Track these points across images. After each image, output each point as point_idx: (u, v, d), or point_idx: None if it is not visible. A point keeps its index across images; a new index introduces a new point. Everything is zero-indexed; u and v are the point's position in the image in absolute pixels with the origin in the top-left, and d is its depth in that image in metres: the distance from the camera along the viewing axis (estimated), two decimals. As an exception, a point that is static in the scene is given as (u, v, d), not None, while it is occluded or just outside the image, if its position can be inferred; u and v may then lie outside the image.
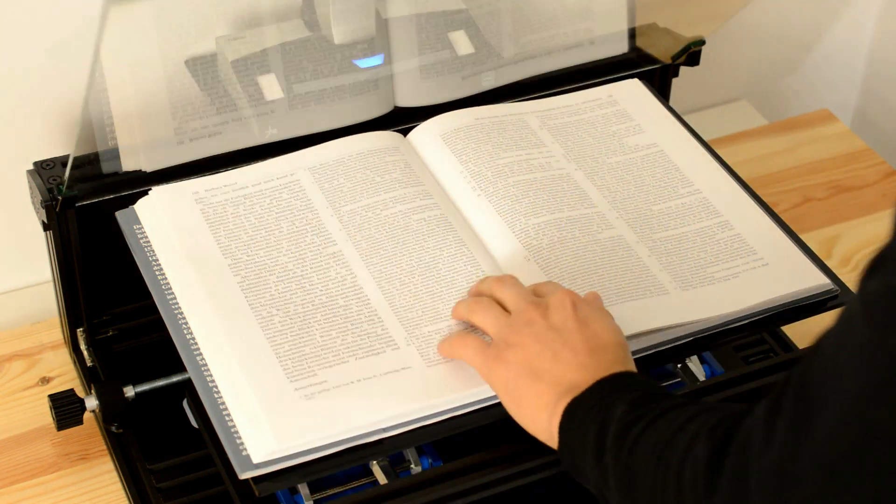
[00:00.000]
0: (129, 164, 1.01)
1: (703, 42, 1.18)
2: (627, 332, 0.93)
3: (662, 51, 1.19)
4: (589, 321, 0.87)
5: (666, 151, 1.09)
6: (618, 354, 0.85)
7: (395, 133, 1.09)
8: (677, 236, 1.02)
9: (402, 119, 1.11)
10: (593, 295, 0.92)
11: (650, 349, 0.95)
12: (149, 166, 1.02)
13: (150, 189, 1.01)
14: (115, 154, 1.00)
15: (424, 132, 1.09)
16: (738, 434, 0.69)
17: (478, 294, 0.93)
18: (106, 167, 1.01)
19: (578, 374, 0.83)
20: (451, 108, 1.11)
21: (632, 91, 1.15)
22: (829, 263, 1.05)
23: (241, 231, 0.99)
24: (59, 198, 1.00)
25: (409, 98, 1.10)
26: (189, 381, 0.93)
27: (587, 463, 0.80)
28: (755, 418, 0.68)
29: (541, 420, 0.84)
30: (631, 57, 1.18)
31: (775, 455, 0.64)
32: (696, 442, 0.71)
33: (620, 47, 1.18)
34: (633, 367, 0.86)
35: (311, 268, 0.97)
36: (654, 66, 1.18)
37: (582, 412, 0.81)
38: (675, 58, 1.19)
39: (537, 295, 0.91)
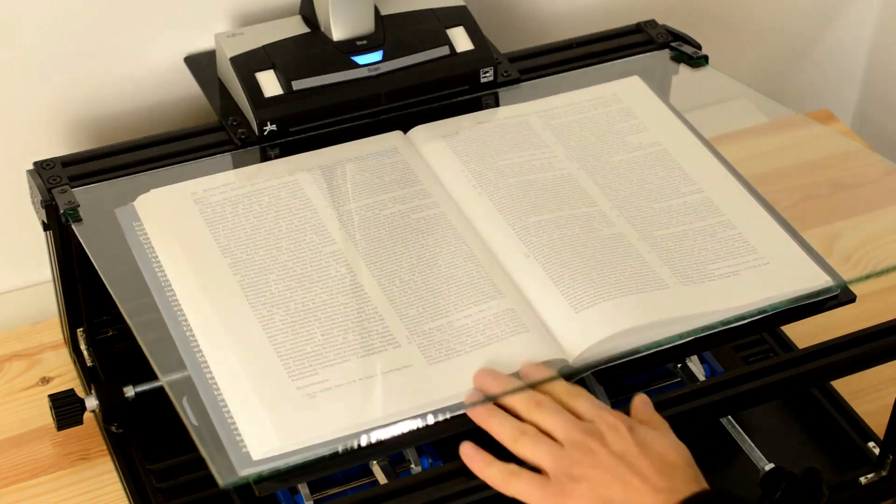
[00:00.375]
0: None
1: (705, 60, 1.18)
2: (626, 325, 0.93)
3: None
4: (649, 443, 0.84)
5: (668, 150, 1.10)
6: (689, 473, 0.83)
7: (395, 132, 1.09)
8: (679, 234, 1.02)
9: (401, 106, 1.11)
10: (641, 402, 0.88)
11: (650, 348, 0.95)
12: None
13: (150, 191, 1.01)
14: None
15: (426, 132, 1.09)
16: None
17: (507, 406, 0.88)
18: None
19: (655, 499, 0.80)
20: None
21: (633, 89, 1.15)
22: (828, 261, 1.05)
23: (240, 230, 0.99)
24: (67, 224, 1.00)
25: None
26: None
27: None
28: None
29: None
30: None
31: None
32: None
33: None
34: (706, 485, 0.83)
35: (311, 266, 0.97)
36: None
37: None
38: (675, 58, 1.19)
39: (580, 418, 0.87)
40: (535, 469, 0.85)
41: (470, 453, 0.86)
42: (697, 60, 1.18)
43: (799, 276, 0.99)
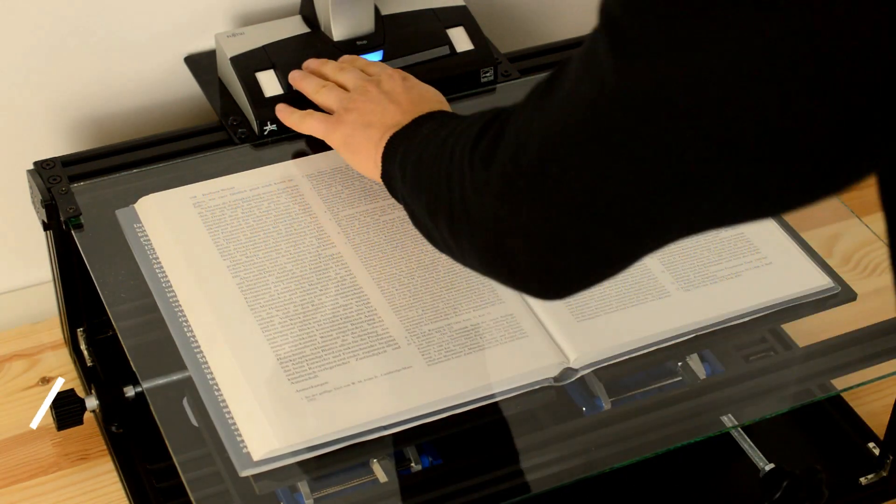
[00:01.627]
0: None
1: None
2: (628, 337, 0.93)
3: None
4: (414, 87, 1.01)
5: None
6: (435, 105, 0.99)
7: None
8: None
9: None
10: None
11: (650, 346, 0.95)
12: None
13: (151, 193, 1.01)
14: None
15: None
16: (504, 111, 0.76)
17: (319, 74, 1.06)
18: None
19: (402, 116, 0.96)
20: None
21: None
22: (829, 262, 1.05)
23: (240, 233, 0.99)
24: (70, 231, 1.00)
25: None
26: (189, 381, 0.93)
27: (395, 176, 0.91)
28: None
29: (370, 156, 0.96)
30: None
31: (529, 107, 0.71)
32: (472, 126, 0.79)
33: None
34: (450, 110, 0.99)
35: (310, 268, 0.97)
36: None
37: (398, 139, 0.93)
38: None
39: (370, 74, 1.04)
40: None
41: (281, 108, 1.06)
42: None
43: (800, 276, 0.99)
